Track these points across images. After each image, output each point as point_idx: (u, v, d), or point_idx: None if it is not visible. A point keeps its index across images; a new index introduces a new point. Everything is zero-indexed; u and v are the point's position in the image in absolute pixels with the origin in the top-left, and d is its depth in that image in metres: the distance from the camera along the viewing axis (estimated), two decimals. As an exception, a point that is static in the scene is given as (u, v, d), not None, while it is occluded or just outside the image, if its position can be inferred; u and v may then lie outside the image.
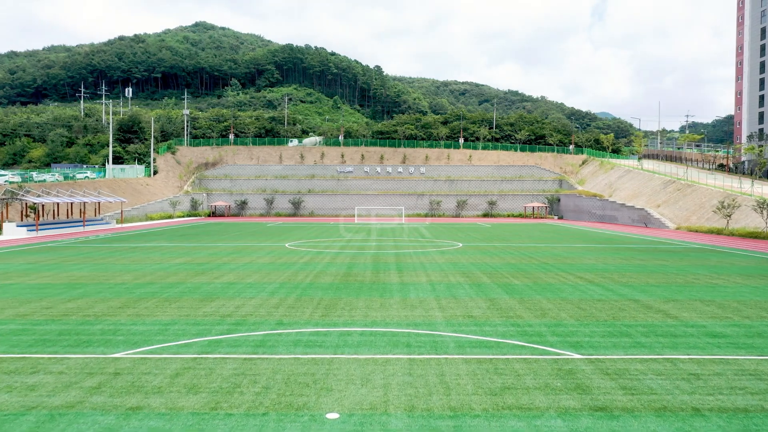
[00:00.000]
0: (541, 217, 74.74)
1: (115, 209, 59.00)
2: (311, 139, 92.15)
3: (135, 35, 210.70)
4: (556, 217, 74.72)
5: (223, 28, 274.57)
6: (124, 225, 53.21)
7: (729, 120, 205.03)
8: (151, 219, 63.67)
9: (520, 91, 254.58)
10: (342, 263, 23.59)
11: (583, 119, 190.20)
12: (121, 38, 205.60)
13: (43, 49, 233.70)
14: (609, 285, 18.11)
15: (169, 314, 13.49)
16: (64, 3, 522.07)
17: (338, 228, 50.56)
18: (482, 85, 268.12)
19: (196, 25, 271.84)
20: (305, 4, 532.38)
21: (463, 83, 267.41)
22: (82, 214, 47.56)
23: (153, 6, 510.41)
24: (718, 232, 43.53)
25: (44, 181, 58.17)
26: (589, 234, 43.75)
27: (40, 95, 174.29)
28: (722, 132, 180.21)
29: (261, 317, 13.19)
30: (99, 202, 52.85)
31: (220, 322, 12.70)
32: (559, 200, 76.68)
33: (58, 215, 48.46)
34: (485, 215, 78.57)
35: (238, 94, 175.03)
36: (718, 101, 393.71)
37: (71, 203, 49.57)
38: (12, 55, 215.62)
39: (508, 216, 77.92)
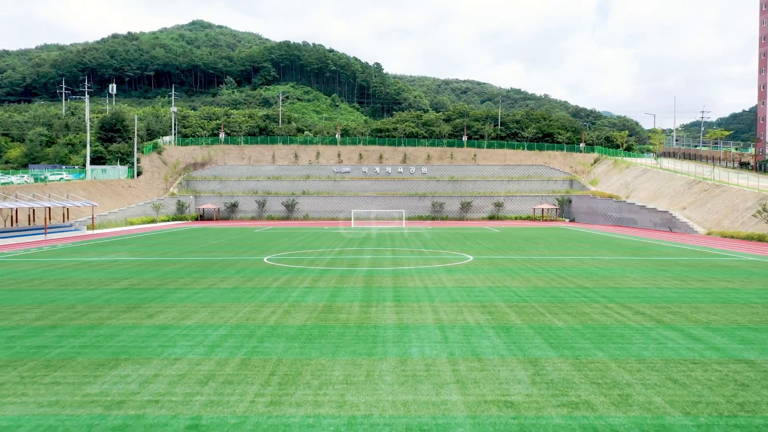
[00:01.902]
0: (552, 220, 69.64)
1: (89, 214, 53.97)
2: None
3: (129, 33, 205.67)
4: (567, 220, 69.63)
5: (220, 27, 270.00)
6: (95, 232, 48.14)
7: (734, 118, 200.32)
8: (131, 224, 58.68)
9: (522, 90, 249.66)
10: (324, 288, 18.54)
11: (587, 117, 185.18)
12: (114, 36, 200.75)
13: (36, 48, 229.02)
14: (690, 329, 12.99)
15: (26, 400, 8.42)
16: (65, 3, 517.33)
17: (331, 235, 45.50)
18: (484, 84, 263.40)
19: (193, 23, 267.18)
20: (306, 3, 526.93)
21: (464, 81, 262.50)
22: (45, 221, 42.50)
23: (154, 5, 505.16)
24: (760, 239, 38.51)
25: (10, 183, 53.18)
26: (613, 241, 38.62)
27: (30, 94, 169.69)
28: (728, 131, 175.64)
29: (170, 408, 8.11)
30: (67, 207, 47.80)
31: (96, 422, 7.62)
32: (570, 201, 71.58)
33: (17, 222, 43.40)
34: (491, 218, 73.47)
35: (233, 92, 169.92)
36: (719, 100, 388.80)
37: (33, 209, 44.56)
38: (4, 54, 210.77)
39: (516, 219, 72.80)
